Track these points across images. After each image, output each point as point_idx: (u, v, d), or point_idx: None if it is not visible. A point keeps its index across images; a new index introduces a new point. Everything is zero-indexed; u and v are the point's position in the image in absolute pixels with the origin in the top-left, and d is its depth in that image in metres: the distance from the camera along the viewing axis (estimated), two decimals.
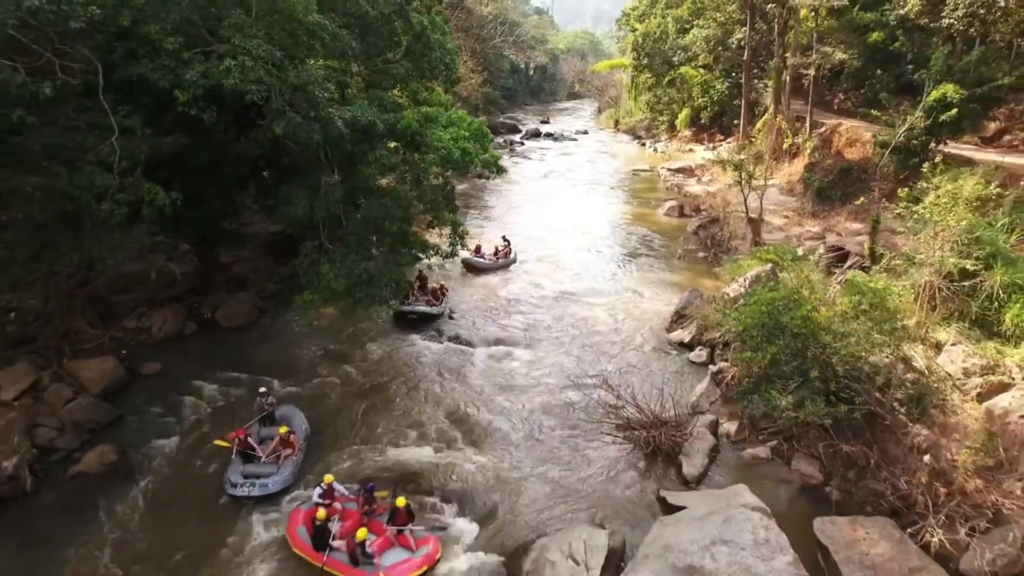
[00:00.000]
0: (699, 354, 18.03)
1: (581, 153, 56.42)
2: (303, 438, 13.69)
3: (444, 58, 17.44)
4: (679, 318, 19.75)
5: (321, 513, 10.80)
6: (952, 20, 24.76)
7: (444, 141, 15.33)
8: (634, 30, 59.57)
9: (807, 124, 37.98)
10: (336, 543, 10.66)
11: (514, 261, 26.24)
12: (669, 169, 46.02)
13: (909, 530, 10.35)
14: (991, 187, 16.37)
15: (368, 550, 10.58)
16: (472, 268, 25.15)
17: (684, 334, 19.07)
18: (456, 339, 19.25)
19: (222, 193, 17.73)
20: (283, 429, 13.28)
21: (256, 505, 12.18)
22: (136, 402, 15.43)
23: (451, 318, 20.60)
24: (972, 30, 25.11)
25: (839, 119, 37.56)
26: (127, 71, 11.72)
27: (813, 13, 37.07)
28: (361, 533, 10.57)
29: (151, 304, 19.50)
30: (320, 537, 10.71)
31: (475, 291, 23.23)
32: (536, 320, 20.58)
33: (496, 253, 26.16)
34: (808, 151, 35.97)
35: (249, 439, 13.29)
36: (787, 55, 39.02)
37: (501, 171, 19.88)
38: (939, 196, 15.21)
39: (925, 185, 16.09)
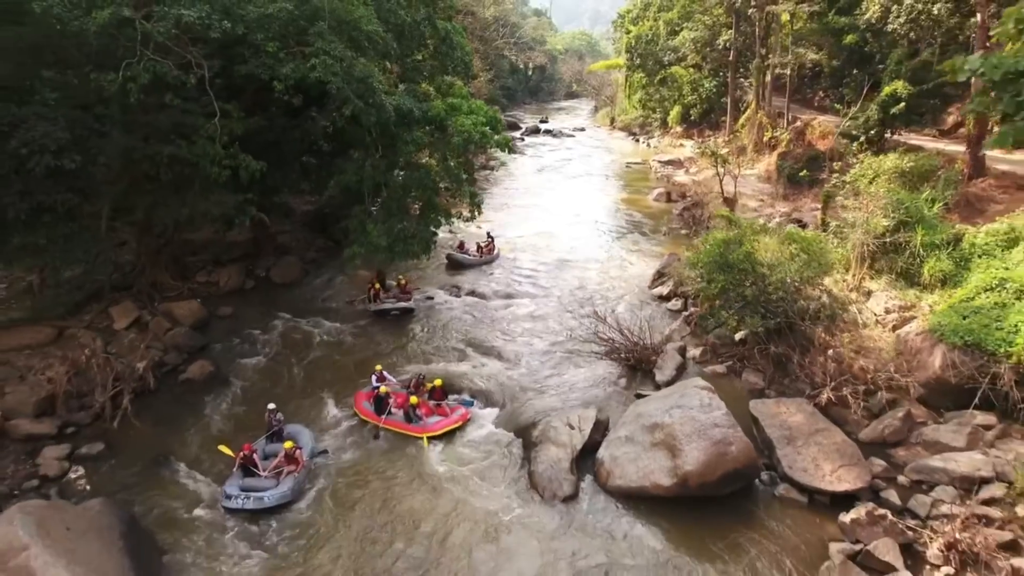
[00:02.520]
0: (674, 304, 21.77)
1: (578, 148, 60.05)
2: (309, 455, 13.42)
3: (464, 57, 21.17)
4: (660, 276, 23.53)
5: (383, 389, 14.65)
6: (896, 26, 28.56)
7: (466, 126, 19.05)
8: (628, 32, 63.08)
9: (785, 119, 41.73)
10: (393, 409, 14.48)
11: (497, 257, 26.98)
12: (660, 161, 49.71)
13: (814, 402, 14.13)
14: (906, 162, 19.99)
15: (418, 412, 14.40)
16: (456, 264, 25.93)
17: (663, 289, 22.83)
18: (472, 293, 23.02)
19: (279, 170, 21.42)
20: (288, 444, 13.05)
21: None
22: (218, 334, 19.19)
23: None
24: (912, 34, 28.84)
25: (816, 115, 41.28)
26: (238, 68, 15.45)
27: (791, 17, 40.76)
28: (413, 399, 14.44)
29: (216, 264, 23.24)
30: (380, 406, 14.55)
31: None
32: (538, 280, 24.36)
33: (479, 249, 26.77)
34: (784, 143, 39.71)
35: (254, 455, 13.02)
36: (768, 56, 42.77)
37: (512, 150, 23.46)
38: (863, 169, 18.94)
39: (854, 162, 19.84)
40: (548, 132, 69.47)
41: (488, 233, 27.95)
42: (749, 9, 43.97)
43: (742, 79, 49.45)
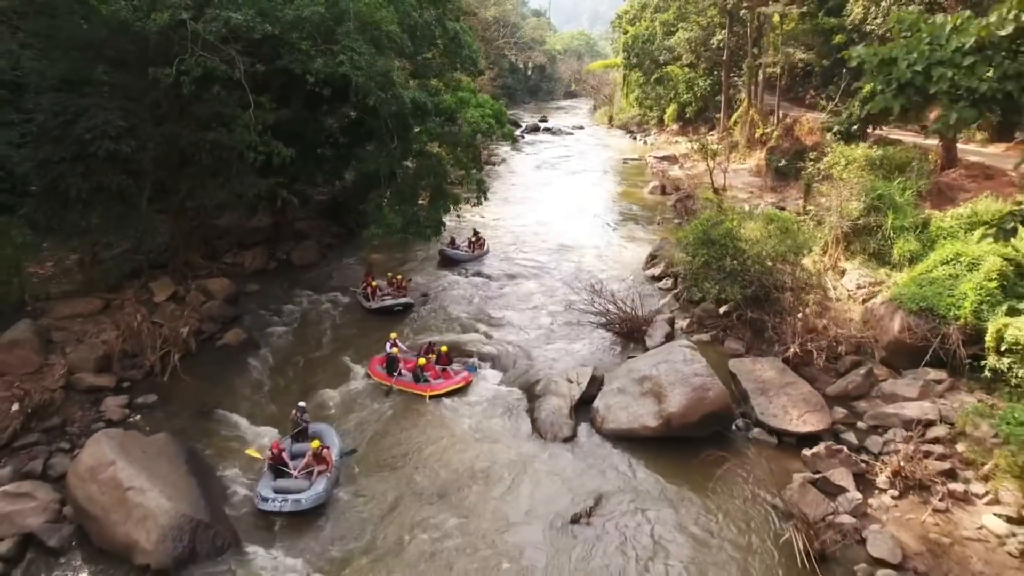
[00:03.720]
0: (665, 283, 23.59)
1: (577, 146, 61.83)
2: (338, 455, 13.35)
3: (471, 55, 22.97)
4: (652, 259, 25.36)
5: (395, 350, 16.49)
6: (873, 27, 30.40)
7: (475, 117, 20.86)
8: (626, 32, 64.83)
9: (776, 116, 43.55)
10: (404, 371, 16.29)
11: (487, 253, 27.34)
12: (655, 157, 51.50)
13: (784, 357, 15.97)
14: (875, 152, 21.83)
15: (425, 374, 16.20)
16: (448, 260, 26.30)
17: (655, 270, 24.66)
18: (478, 274, 24.86)
19: (300, 159, 23.20)
20: (315, 444, 12.88)
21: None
22: (247, 307, 21.01)
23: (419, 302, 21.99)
24: (888, 35, 30.65)
25: (806, 112, 43.13)
26: (274, 63, 17.28)
27: (782, 18, 42.57)
28: (421, 361, 16.27)
29: (240, 247, 25.04)
30: (391, 367, 16.38)
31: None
32: (540, 262, 26.19)
33: (471, 245, 27.18)
34: (774, 138, 41.53)
35: (283, 454, 12.89)
36: (760, 56, 44.58)
37: (515, 140, 25.20)
38: (836, 157, 20.77)
39: (828, 151, 21.68)
40: (547, 130, 71.21)
41: (475, 230, 28.08)
42: (741, 10, 45.75)
43: (735, 78, 51.19)
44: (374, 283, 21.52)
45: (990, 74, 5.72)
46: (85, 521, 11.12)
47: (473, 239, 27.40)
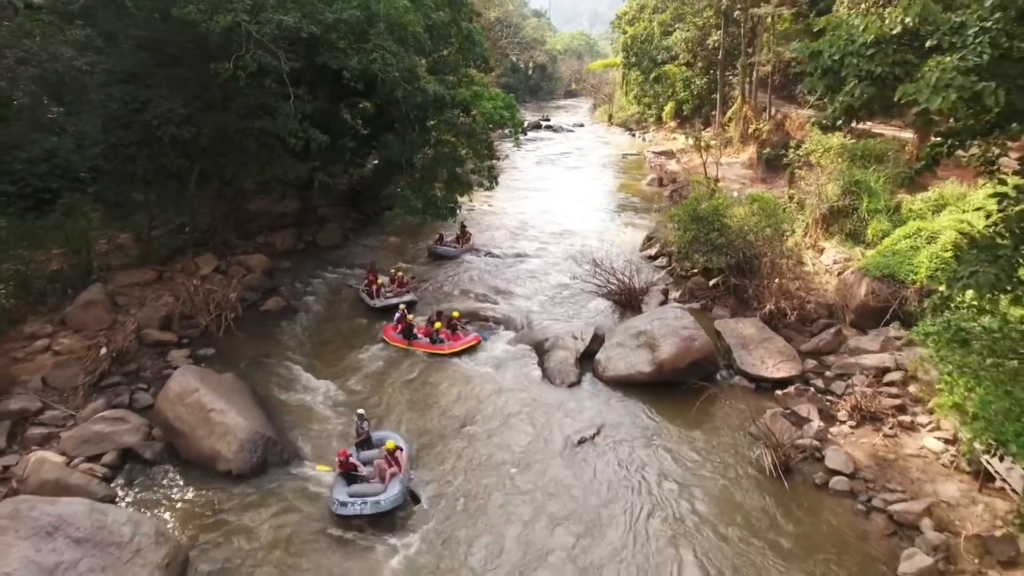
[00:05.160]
0: (660, 262, 25.82)
1: (578, 142, 64.02)
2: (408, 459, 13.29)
3: (483, 53, 25.21)
4: (649, 240, 27.61)
5: (410, 317, 18.70)
6: None
7: (488, 109, 23.12)
8: (625, 32, 67.08)
9: (768, 112, 45.82)
10: (419, 336, 18.49)
11: (473, 247, 27.41)
12: (653, 152, 53.77)
13: (760, 314, 18.24)
14: (849, 140, 24.09)
15: (439, 336, 18.40)
16: (437, 256, 26.65)
17: (651, 251, 26.90)
18: (488, 254, 27.08)
19: (328, 148, 25.46)
20: (390, 444, 12.95)
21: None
22: (282, 280, 23.26)
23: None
24: None
25: (797, 108, 45.40)
26: (316, 60, 19.59)
27: (774, 19, 44.78)
28: (437, 324, 18.46)
29: (270, 230, 27.28)
30: (408, 333, 18.56)
31: (494, 231, 31.02)
32: (544, 243, 28.44)
33: (458, 240, 27.52)
34: (765, 133, 43.80)
35: (351, 459, 12.83)
36: (753, 55, 46.81)
37: (523, 131, 27.39)
38: (813, 145, 23.03)
39: (805, 140, 23.94)
40: (549, 128, 73.33)
41: (463, 224, 28.17)
42: (735, 11, 47.99)
43: (730, 76, 53.40)
44: (379, 280, 21.92)
45: (886, 61, 7.93)
46: (174, 437, 13.37)
47: (460, 234, 27.77)
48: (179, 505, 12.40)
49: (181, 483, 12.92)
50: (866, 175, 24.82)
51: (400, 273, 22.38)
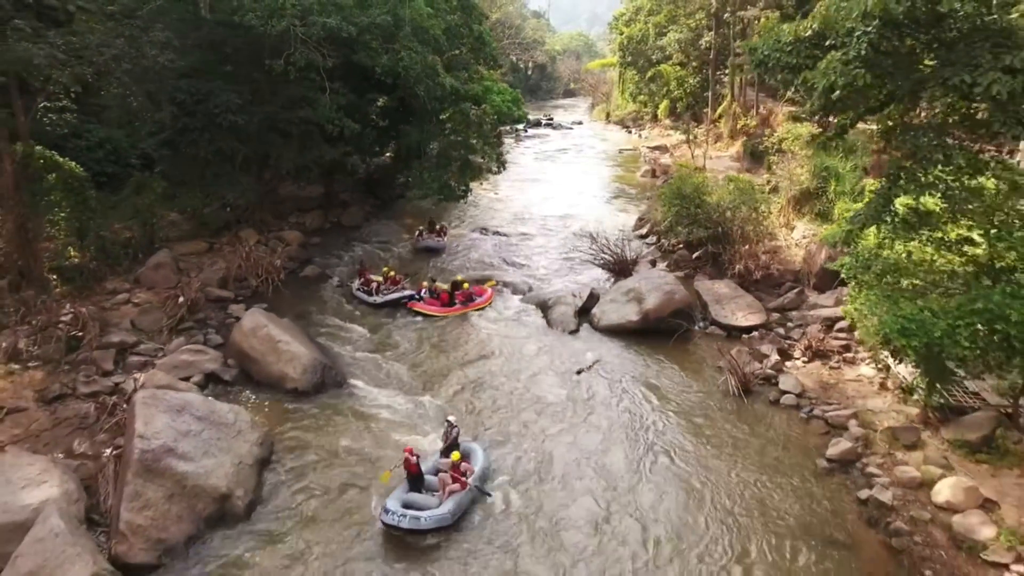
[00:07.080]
0: (651, 239, 28.89)
1: (577, 139, 66.87)
2: (476, 481, 12.28)
3: (492, 52, 28.26)
4: (640, 221, 30.69)
5: (435, 285, 21.66)
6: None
7: (497, 102, 26.16)
8: (621, 33, 70.11)
9: (756, 109, 48.88)
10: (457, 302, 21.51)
11: (446, 238, 28.27)
12: (648, 147, 56.88)
13: (731, 273, 21.37)
14: (815, 130, 27.09)
15: (455, 301, 21.39)
16: (424, 249, 27.72)
17: (643, 230, 29.96)
18: (496, 232, 30.15)
19: (356, 137, 28.46)
20: (455, 456, 12.19)
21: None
22: (315, 253, 26.31)
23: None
24: None
25: (784, 105, 48.42)
26: (352, 58, 22.67)
27: (761, 20, 47.75)
28: (464, 283, 21.47)
29: (299, 211, 30.33)
30: (449, 302, 21.53)
31: (500, 213, 34.08)
32: (546, 224, 31.55)
33: (436, 233, 28.22)
34: (752, 127, 46.86)
35: (415, 458, 12.25)
36: (743, 55, 49.79)
37: (528, 124, 30.26)
38: (784, 133, 26.07)
39: (779, 130, 26.97)
40: (549, 125, 76.35)
41: (431, 219, 28.79)
42: (726, 14, 51.04)
43: (721, 75, 56.41)
44: (375, 279, 22.51)
45: (800, 56, 10.96)
46: (247, 364, 16.42)
47: (436, 228, 28.38)
48: (258, 411, 15.42)
49: (255, 399, 15.96)
50: (834, 161, 27.90)
51: (392, 272, 23.10)
